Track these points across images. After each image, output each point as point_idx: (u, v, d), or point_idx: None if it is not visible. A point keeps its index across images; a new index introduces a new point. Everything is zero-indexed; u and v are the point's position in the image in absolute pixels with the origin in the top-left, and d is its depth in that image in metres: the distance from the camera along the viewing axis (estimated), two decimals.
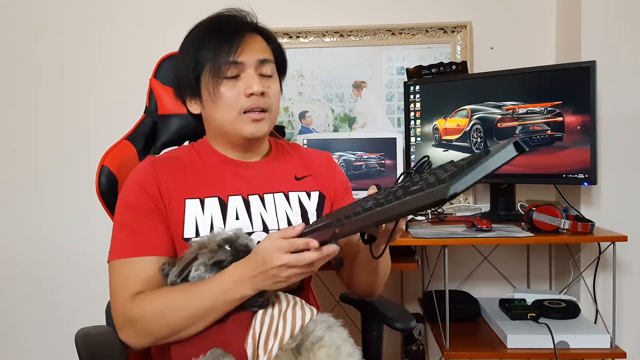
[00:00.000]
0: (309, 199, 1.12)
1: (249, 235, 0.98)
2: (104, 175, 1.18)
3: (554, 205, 1.60)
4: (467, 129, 1.80)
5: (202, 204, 1.03)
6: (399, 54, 2.01)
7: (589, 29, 1.77)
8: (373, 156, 1.86)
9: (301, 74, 2.03)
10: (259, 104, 1.03)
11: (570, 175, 1.64)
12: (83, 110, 2.07)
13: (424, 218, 1.80)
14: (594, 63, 1.58)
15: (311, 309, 0.94)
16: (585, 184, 1.62)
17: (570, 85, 1.63)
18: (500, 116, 1.75)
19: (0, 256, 2.10)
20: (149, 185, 1.01)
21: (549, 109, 1.67)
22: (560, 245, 1.92)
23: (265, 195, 1.08)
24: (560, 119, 1.65)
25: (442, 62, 1.89)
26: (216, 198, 1.04)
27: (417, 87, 1.87)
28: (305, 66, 2.03)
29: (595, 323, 1.73)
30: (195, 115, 1.10)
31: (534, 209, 1.57)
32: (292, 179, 1.13)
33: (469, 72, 1.91)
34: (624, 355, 1.51)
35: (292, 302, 0.94)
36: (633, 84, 1.77)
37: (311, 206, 1.11)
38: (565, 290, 1.87)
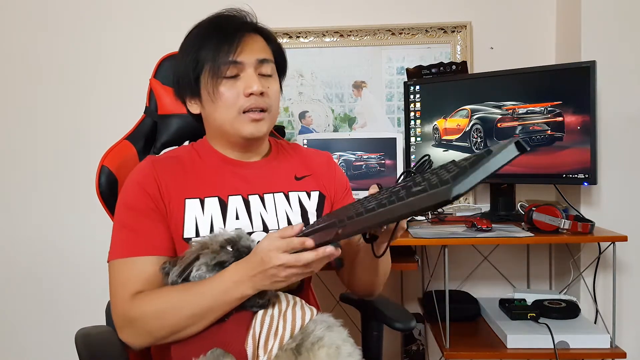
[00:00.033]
0: (309, 199, 1.12)
1: (249, 235, 0.98)
2: (104, 175, 1.18)
3: (554, 205, 1.60)
4: (467, 129, 1.80)
5: (202, 203, 1.03)
6: (399, 54, 2.01)
7: (589, 29, 1.77)
8: (373, 156, 1.86)
9: (301, 74, 2.03)
10: (258, 103, 1.03)
11: (570, 175, 1.64)
12: (83, 110, 2.07)
13: (424, 218, 1.80)
14: (594, 63, 1.58)
15: (311, 309, 0.94)
16: (585, 184, 1.62)
17: (570, 85, 1.63)
18: (500, 116, 1.75)
19: (0, 256, 2.10)
20: (149, 185, 1.02)
21: (549, 109, 1.67)
22: (560, 245, 1.92)
23: (265, 195, 1.08)
24: (560, 119, 1.65)
25: (442, 62, 1.89)
26: (216, 198, 1.04)
27: (417, 87, 1.87)
28: (305, 66, 2.03)
29: (595, 323, 1.73)
30: (195, 115, 1.10)
31: (534, 209, 1.57)
32: (292, 179, 1.13)
33: (469, 72, 1.90)
34: (624, 355, 1.51)
35: (292, 302, 0.94)
36: (633, 84, 1.77)
37: (311, 206, 1.11)
38: (565, 290, 1.87)
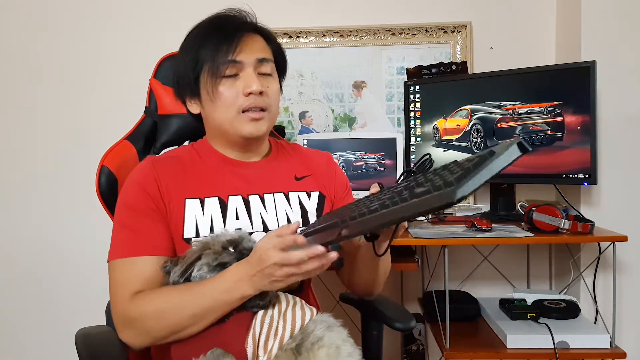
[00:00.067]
0: (309, 199, 1.12)
1: (249, 235, 0.98)
2: (104, 175, 1.18)
3: (554, 205, 1.60)
4: (467, 129, 1.80)
5: (202, 204, 1.03)
6: (399, 54, 2.01)
7: (589, 29, 1.77)
8: (373, 156, 1.86)
9: (301, 74, 2.03)
10: (257, 103, 1.03)
11: (570, 175, 1.64)
12: (83, 110, 2.07)
13: (424, 218, 1.80)
14: (594, 63, 1.58)
15: (311, 309, 0.94)
16: (585, 184, 1.62)
17: (570, 85, 1.63)
18: (500, 116, 1.74)
19: (0, 256, 2.10)
20: (149, 185, 1.01)
21: (549, 109, 1.67)
22: (560, 245, 1.92)
23: (266, 195, 1.08)
24: (560, 119, 1.65)
25: (442, 62, 1.89)
26: (216, 198, 1.04)
27: (417, 87, 1.87)
28: (305, 66, 2.03)
29: (595, 323, 1.73)
30: (195, 115, 1.10)
31: (534, 209, 1.57)
32: (292, 179, 1.13)
33: (469, 72, 1.90)
34: (624, 355, 1.51)
35: (292, 302, 0.94)
36: (633, 84, 1.77)
37: (311, 206, 1.11)
38: (565, 290, 1.87)
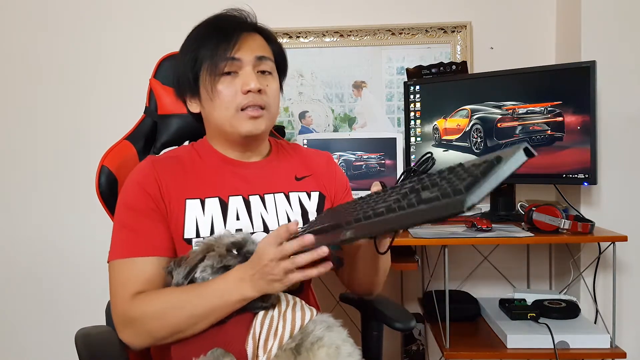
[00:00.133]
0: (309, 199, 1.12)
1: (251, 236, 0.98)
2: (104, 175, 1.18)
3: (554, 205, 1.60)
4: (467, 129, 1.80)
5: (202, 204, 1.03)
6: (399, 54, 2.01)
7: (589, 29, 1.77)
8: (373, 156, 1.86)
9: (301, 74, 2.03)
10: (256, 101, 1.03)
11: (570, 175, 1.64)
12: (83, 110, 2.07)
13: None
14: (594, 63, 1.58)
15: (311, 309, 0.94)
16: (585, 184, 1.62)
17: (570, 85, 1.63)
18: (500, 116, 1.74)
19: (0, 256, 2.10)
20: (149, 185, 1.01)
21: (549, 109, 1.67)
22: (560, 245, 1.92)
23: (266, 196, 1.08)
24: (560, 119, 1.65)
25: (442, 62, 1.89)
26: (216, 198, 1.04)
27: (417, 87, 1.87)
28: (305, 66, 2.03)
29: (595, 323, 1.73)
30: (196, 114, 1.10)
31: (534, 209, 1.57)
32: (293, 179, 1.13)
33: (469, 72, 1.90)
34: (624, 355, 1.51)
35: (292, 302, 0.94)
36: (633, 84, 1.77)
37: (311, 206, 1.11)
38: (565, 290, 1.87)
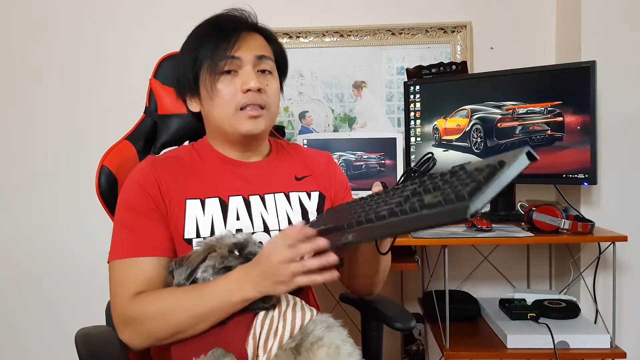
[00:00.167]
0: (310, 199, 1.12)
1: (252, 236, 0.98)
2: (104, 175, 1.18)
3: (554, 205, 1.60)
4: (467, 129, 1.80)
5: (202, 204, 1.03)
6: (399, 54, 2.01)
7: (589, 29, 1.77)
8: (373, 156, 1.86)
9: (301, 74, 2.03)
10: (255, 100, 1.03)
11: (570, 175, 1.64)
12: (83, 110, 2.07)
13: None
14: (594, 63, 1.58)
15: (311, 309, 0.94)
16: (585, 184, 1.62)
17: (570, 85, 1.63)
18: (500, 116, 1.74)
19: (0, 256, 2.10)
20: (149, 185, 1.01)
21: (549, 109, 1.67)
22: (560, 245, 1.92)
23: (266, 196, 1.08)
24: (560, 119, 1.65)
25: (442, 62, 1.89)
26: (217, 198, 1.04)
27: (417, 87, 1.87)
28: (305, 66, 2.03)
29: (595, 323, 1.73)
30: (196, 114, 1.11)
31: (534, 209, 1.57)
32: (293, 179, 1.13)
33: (469, 72, 1.90)
34: (624, 355, 1.51)
35: (292, 302, 0.94)
36: (633, 84, 1.77)
37: (311, 206, 1.11)
38: (565, 290, 1.87)
